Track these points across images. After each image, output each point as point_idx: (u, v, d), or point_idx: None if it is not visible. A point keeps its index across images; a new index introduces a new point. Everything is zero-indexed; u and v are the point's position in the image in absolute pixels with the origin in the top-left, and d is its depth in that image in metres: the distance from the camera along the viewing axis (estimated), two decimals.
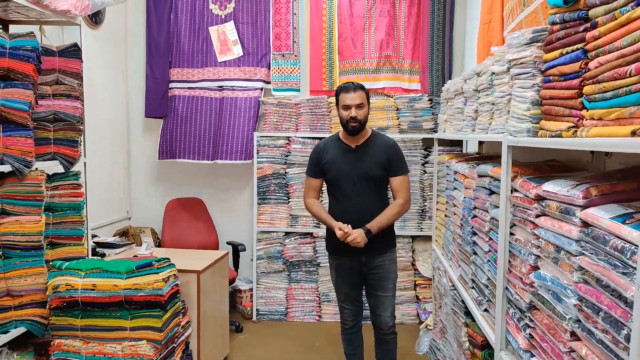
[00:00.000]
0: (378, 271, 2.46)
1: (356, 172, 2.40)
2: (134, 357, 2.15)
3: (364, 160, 2.42)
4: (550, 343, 1.22)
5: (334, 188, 2.47)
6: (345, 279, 2.51)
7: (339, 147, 2.47)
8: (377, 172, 2.41)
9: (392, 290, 2.52)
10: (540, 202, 1.30)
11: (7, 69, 2.06)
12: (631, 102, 0.91)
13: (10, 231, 2.08)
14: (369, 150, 2.44)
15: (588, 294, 1.03)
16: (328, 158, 2.46)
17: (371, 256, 2.43)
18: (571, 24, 1.19)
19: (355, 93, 2.37)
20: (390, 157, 2.43)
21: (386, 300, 2.49)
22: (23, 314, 2.16)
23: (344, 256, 2.46)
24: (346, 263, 2.47)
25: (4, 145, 2.06)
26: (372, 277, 2.47)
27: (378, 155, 2.42)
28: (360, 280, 2.52)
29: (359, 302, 2.59)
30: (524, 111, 1.44)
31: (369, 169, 2.41)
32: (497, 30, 2.42)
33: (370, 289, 2.51)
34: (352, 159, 2.42)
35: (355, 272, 2.48)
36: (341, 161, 2.43)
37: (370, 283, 2.50)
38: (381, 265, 2.46)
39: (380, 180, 2.44)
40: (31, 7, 2.20)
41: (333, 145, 2.49)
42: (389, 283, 2.49)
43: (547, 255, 1.26)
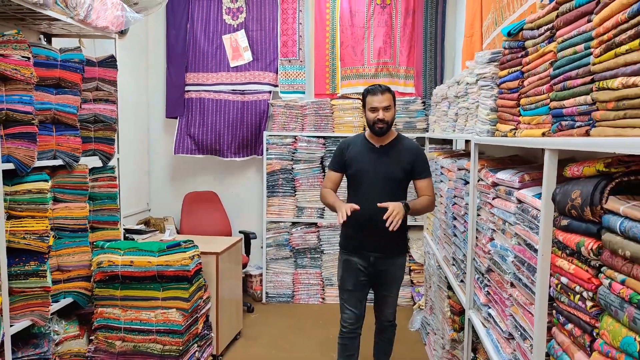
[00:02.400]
0: (387, 276, 2.48)
1: (378, 170, 2.41)
2: (166, 322, 2.53)
3: (388, 160, 2.44)
4: (499, 294, 1.59)
5: (354, 183, 2.49)
6: (351, 276, 2.47)
7: (364, 145, 2.48)
8: (398, 173, 2.42)
9: (396, 292, 2.58)
10: (495, 188, 1.67)
11: (58, 78, 2.43)
12: (543, 112, 1.28)
13: (61, 215, 2.46)
14: (394, 152, 2.45)
15: (519, 252, 1.39)
16: (352, 154, 2.48)
17: (381, 258, 2.43)
18: (514, 50, 1.55)
19: (383, 95, 2.38)
20: (416, 161, 2.44)
21: (389, 300, 2.57)
22: (71, 287, 2.54)
23: (353, 253, 2.47)
24: (355, 259, 2.46)
25: (57, 143, 2.44)
26: (380, 280, 2.50)
27: (402, 157, 2.44)
28: (367, 280, 2.49)
29: (361, 304, 2.51)
30: (485, 116, 1.81)
31: (391, 170, 2.42)
32: (477, 43, 2.78)
33: (378, 289, 2.56)
34: (375, 158, 2.44)
35: (363, 270, 2.45)
36: (365, 158, 2.45)
37: (379, 283, 2.52)
38: (390, 269, 2.48)
39: (399, 182, 2.44)
40: (76, 24, 2.57)
41: (358, 142, 2.51)
42: (394, 286, 2.54)
43: (499, 228, 1.62)
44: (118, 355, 2.53)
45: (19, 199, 2.15)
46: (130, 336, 2.53)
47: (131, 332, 2.53)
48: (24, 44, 2.15)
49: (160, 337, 2.52)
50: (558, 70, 1.18)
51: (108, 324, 2.56)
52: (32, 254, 2.19)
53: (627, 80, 0.85)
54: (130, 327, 2.53)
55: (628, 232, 0.82)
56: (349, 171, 2.51)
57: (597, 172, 0.97)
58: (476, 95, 2.00)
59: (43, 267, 2.21)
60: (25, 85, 2.14)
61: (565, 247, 1.07)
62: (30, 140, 2.17)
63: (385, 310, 2.59)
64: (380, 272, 2.46)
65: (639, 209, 0.82)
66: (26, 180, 2.19)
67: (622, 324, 0.84)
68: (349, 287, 2.49)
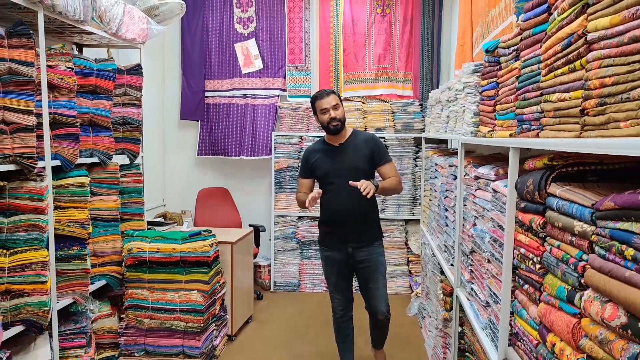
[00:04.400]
0: (366, 265, 2.60)
1: (342, 166, 2.55)
2: (188, 302, 2.83)
3: (349, 155, 2.58)
4: (479, 270, 1.89)
5: (324, 184, 2.61)
6: (334, 269, 2.64)
7: (325, 148, 2.64)
8: (362, 164, 2.56)
9: (382, 281, 2.63)
10: (477, 181, 1.96)
11: (94, 85, 2.73)
12: (511, 117, 1.57)
13: (96, 207, 2.76)
14: (353, 146, 2.60)
15: (493, 233, 1.69)
16: (315, 158, 2.63)
17: (358, 247, 2.57)
18: (492, 64, 1.85)
19: (329, 97, 2.55)
20: (373, 148, 2.58)
21: (378, 292, 2.61)
22: (104, 270, 2.85)
23: (332, 248, 2.62)
24: (335, 254, 2.61)
25: (94, 143, 2.75)
26: (362, 270, 2.61)
27: (361, 149, 2.58)
28: (349, 271, 2.66)
29: (347, 292, 2.70)
30: (470, 119, 2.10)
31: (354, 162, 2.56)
32: (468, 52, 3.07)
33: (362, 282, 2.65)
34: (337, 156, 2.59)
35: (343, 263, 2.61)
36: (328, 159, 2.59)
37: (360, 276, 2.64)
38: (369, 259, 2.59)
39: (365, 172, 2.55)
40: (108, 37, 2.87)
41: (319, 147, 2.68)
42: (378, 275, 2.61)
43: (479, 215, 1.92)
44: (146, 331, 2.83)
45: (63, 191, 2.46)
46: (157, 314, 2.83)
47: (158, 311, 2.83)
48: (68, 56, 2.46)
49: (184, 316, 2.82)
50: (521, 83, 1.47)
51: (137, 303, 2.86)
52: (75, 240, 2.49)
53: (561, 95, 1.14)
54: (156, 307, 2.84)
55: (561, 208, 1.12)
56: (316, 174, 2.64)
57: (544, 165, 1.26)
58: (463, 100, 2.29)
59: (84, 251, 2.52)
60: (69, 92, 2.45)
61: (523, 225, 1.37)
62: (74, 141, 2.47)
63: (377, 305, 2.61)
64: (360, 261, 2.59)
65: (568, 191, 1.11)
66: (69, 175, 2.49)
67: (557, 278, 1.14)
68: (333, 280, 2.68)
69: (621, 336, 0.84)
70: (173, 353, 2.81)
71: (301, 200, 2.58)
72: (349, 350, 2.80)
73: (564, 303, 1.07)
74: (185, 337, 2.81)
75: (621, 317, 0.84)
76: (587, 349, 0.95)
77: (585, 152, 0.95)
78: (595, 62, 0.96)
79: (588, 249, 0.99)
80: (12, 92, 2.07)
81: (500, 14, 2.29)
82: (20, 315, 2.16)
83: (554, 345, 1.10)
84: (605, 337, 0.89)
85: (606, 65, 0.91)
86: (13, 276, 2.14)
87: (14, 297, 2.16)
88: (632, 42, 0.83)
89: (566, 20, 1.09)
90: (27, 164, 2.13)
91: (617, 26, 0.87)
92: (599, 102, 0.94)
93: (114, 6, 2.77)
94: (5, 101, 2.05)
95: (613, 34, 0.89)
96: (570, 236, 1.07)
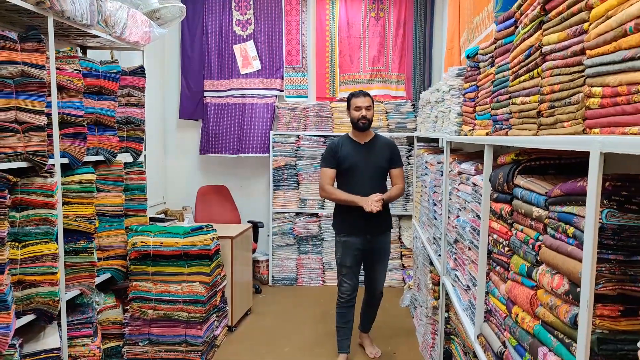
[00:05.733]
0: (380, 251, 2.99)
1: (367, 162, 2.92)
2: (190, 294, 2.97)
3: (373, 153, 2.95)
4: (461, 258, 2.04)
5: (347, 175, 2.93)
6: (349, 254, 2.92)
7: (351, 143, 2.97)
8: (383, 163, 2.96)
9: (387, 263, 3.12)
10: (459, 175, 2.11)
11: (100, 86, 2.86)
12: (487, 118, 1.73)
13: (102, 203, 2.89)
14: (376, 147, 2.98)
15: (473, 222, 1.84)
16: (343, 152, 2.93)
17: (376, 235, 2.93)
18: (473, 69, 2.00)
19: (365, 98, 2.91)
20: (393, 152, 3.00)
21: (381, 275, 3.06)
22: (109, 264, 2.98)
23: (351, 234, 2.92)
24: (353, 240, 2.91)
25: (99, 142, 2.88)
26: (374, 255, 2.98)
27: (383, 150, 2.97)
28: (362, 256, 2.96)
29: (356, 278, 2.99)
30: (454, 119, 2.26)
31: (378, 161, 2.94)
32: (456, 55, 3.22)
33: (373, 264, 3.00)
34: (363, 152, 2.94)
35: (359, 249, 2.92)
36: (354, 154, 2.92)
37: (370, 259, 2.99)
38: (382, 246, 3.00)
39: (383, 170, 2.98)
40: (112, 39, 3.01)
41: (346, 142, 2.99)
42: (386, 259, 3.08)
43: (462, 207, 2.07)
44: (150, 321, 2.97)
45: (71, 188, 2.59)
46: (160, 305, 2.97)
47: (161, 302, 2.97)
48: (76, 59, 2.60)
49: (186, 306, 2.96)
50: (495, 87, 1.62)
51: (141, 295, 2.99)
52: (82, 234, 2.62)
53: (523, 99, 1.29)
54: (160, 298, 2.97)
55: (524, 197, 1.27)
56: (342, 166, 2.94)
57: (512, 160, 1.42)
58: (449, 101, 2.45)
59: (90, 245, 2.65)
60: (77, 93, 2.59)
61: (495, 213, 1.52)
62: (81, 139, 2.61)
63: (378, 281, 3.05)
64: (375, 248, 2.95)
65: (530, 182, 1.27)
66: (77, 172, 2.62)
67: (520, 257, 1.29)
68: (348, 264, 2.94)
69: (565, 301, 1.00)
70: (176, 342, 2.95)
71: (340, 197, 2.89)
72: (348, 335, 3.05)
73: (525, 278, 1.23)
74: (187, 326, 2.95)
75: (565, 285, 0.99)
76: (541, 315, 1.10)
77: (542, 148, 1.10)
78: (548, 71, 1.11)
79: (543, 230, 1.14)
80: (24, 93, 2.20)
81: (484, 21, 2.45)
82: (31, 305, 2.30)
83: (517, 316, 1.25)
84: (554, 303, 1.04)
85: (555, 74, 1.07)
86: (25, 267, 2.27)
87: (25, 288, 2.29)
88: (573, 55, 0.98)
89: (527, 34, 1.24)
90: (39, 161, 2.27)
91: (563, 41, 1.03)
92: (550, 105, 1.09)
93: (118, 10, 2.90)
94: (19, 102, 2.18)
95: (560, 48, 1.04)
96: (530, 220, 1.22)
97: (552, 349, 1.07)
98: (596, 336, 0.92)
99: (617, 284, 0.92)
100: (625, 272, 0.92)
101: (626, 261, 0.91)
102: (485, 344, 1.58)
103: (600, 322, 0.92)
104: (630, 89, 0.79)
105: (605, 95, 0.86)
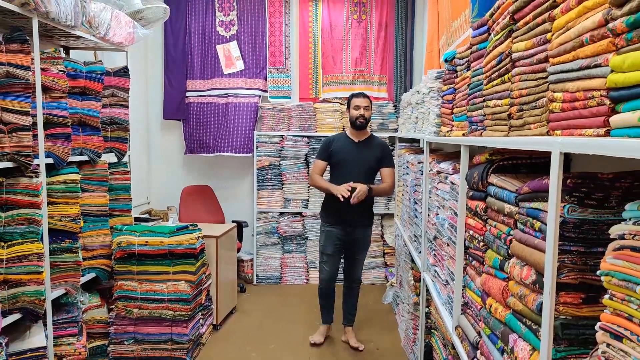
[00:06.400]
0: (358, 243, 3.23)
1: (357, 159, 3.14)
2: (176, 292, 3.00)
3: (364, 152, 3.17)
4: (440, 254, 2.12)
5: (338, 169, 3.18)
6: (331, 243, 3.20)
7: (346, 140, 3.22)
8: (372, 162, 3.17)
9: (364, 256, 3.36)
10: (438, 175, 2.20)
11: (84, 87, 2.87)
12: (464, 119, 1.81)
13: (86, 203, 2.90)
14: (369, 146, 3.20)
15: (451, 220, 1.93)
16: (335, 146, 3.19)
17: (356, 227, 3.17)
18: (450, 72, 2.09)
19: (364, 98, 3.17)
20: (383, 153, 3.21)
21: (359, 263, 3.34)
22: (94, 264, 2.99)
23: (334, 225, 3.18)
24: (335, 231, 3.18)
25: (83, 142, 2.89)
26: (353, 246, 3.23)
27: (375, 150, 3.18)
28: (342, 246, 3.22)
29: (336, 266, 3.25)
30: (433, 120, 2.34)
31: (367, 159, 3.16)
32: (435, 58, 3.32)
33: (352, 254, 3.27)
34: (355, 150, 3.17)
35: (340, 238, 3.18)
36: (346, 150, 3.17)
37: (352, 249, 3.24)
38: (362, 237, 3.23)
39: (372, 169, 3.19)
40: (95, 40, 3.01)
41: (341, 138, 3.25)
42: (365, 251, 3.32)
43: (441, 205, 2.15)
44: (136, 320, 2.99)
45: (56, 188, 2.60)
46: (145, 304, 2.99)
47: (146, 301, 2.99)
48: (60, 60, 2.61)
49: (172, 305, 2.99)
50: (471, 90, 1.71)
51: (126, 294, 3.01)
52: (67, 233, 2.64)
53: (496, 102, 1.38)
54: (145, 297, 2.99)
55: (497, 195, 1.35)
56: (333, 160, 3.20)
57: (486, 160, 1.50)
58: (428, 103, 2.53)
59: (75, 244, 2.67)
60: (61, 94, 2.60)
61: (471, 210, 1.61)
62: (66, 140, 2.62)
63: (355, 271, 3.32)
64: (355, 239, 3.20)
65: (502, 180, 1.35)
66: (61, 172, 2.63)
67: (493, 251, 1.37)
68: (329, 252, 3.22)
69: (533, 290, 1.08)
70: (162, 340, 2.97)
71: (321, 184, 3.18)
72: (330, 311, 3.39)
73: (498, 271, 1.31)
74: (173, 325, 2.98)
75: (532, 276, 1.08)
76: (512, 304, 1.18)
77: (512, 148, 1.18)
78: (517, 77, 1.19)
79: (514, 225, 1.22)
80: (9, 94, 2.20)
81: (462, 26, 2.54)
82: (17, 304, 2.30)
83: (490, 306, 1.34)
84: (523, 293, 1.12)
85: (523, 79, 1.15)
86: (11, 267, 2.28)
87: (11, 287, 2.30)
88: (538, 63, 1.06)
89: (499, 41, 1.33)
90: (24, 161, 2.27)
91: (530, 49, 1.11)
92: (519, 108, 1.17)
93: (102, 11, 2.91)
94: (4, 102, 2.19)
95: (527, 55, 1.12)
96: (502, 216, 1.30)
97: (521, 335, 1.15)
98: (560, 322, 1.00)
99: (579, 273, 1.00)
100: (586, 263, 1.00)
101: (587, 252, 1.00)
102: (462, 334, 1.67)
103: (564, 309, 1.00)
104: (587, 94, 0.87)
105: (566, 100, 0.95)
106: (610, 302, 0.84)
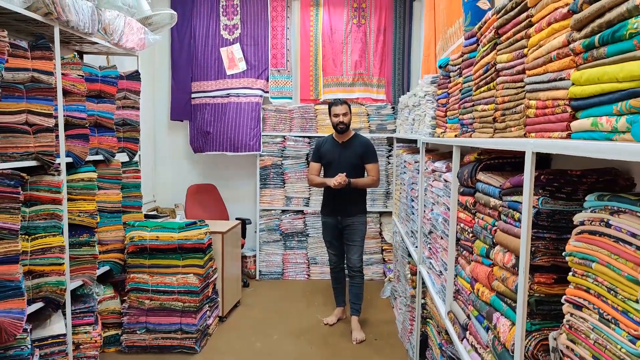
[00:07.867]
0: (350, 229, 3.55)
1: (342, 158, 3.51)
2: (185, 285, 3.16)
3: (348, 151, 3.52)
4: (435, 247, 2.29)
5: (327, 169, 3.59)
6: (328, 231, 3.64)
7: (332, 142, 3.60)
8: (355, 160, 3.51)
9: (359, 242, 3.57)
10: (433, 173, 2.36)
11: (99, 90, 3.03)
12: (456, 122, 1.98)
13: (101, 200, 3.06)
14: (352, 146, 3.54)
15: (444, 214, 2.09)
16: (324, 149, 3.60)
17: (345, 216, 3.54)
18: (444, 77, 2.25)
19: (342, 106, 3.49)
20: (365, 150, 3.52)
21: (354, 248, 3.56)
22: (108, 257, 3.15)
23: (328, 216, 3.61)
24: (330, 220, 3.60)
25: (99, 142, 3.05)
26: (346, 232, 3.57)
27: (358, 149, 3.52)
28: (338, 232, 3.60)
29: (339, 249, 3.66)
30: (428, 122, 2.51)
31: (350, 157, 3.50)
32: (432, 62, 3.48)
33: (345, 240, 3.61)
34: (340, 150, 3.54)
35: (335, 226, 3.59)
36: (333, 150, 3.56)
37: (344, 235, 3.59)
38: (352, 224, 3.54)
39: (356, 165, 3.51)
40: (109, 46, 3.17)
41: (329, 140, 3.63)
42: (356, 236, 3.56)
43: (435, 201, 2.32)
44: (147, 311, 3.15)
45: (75, 185, 2.76)
46: (156, 296, 3.15)
47: (157, 293, 3.15)
48: (79, 65, 2.77)
49: (181, 297, 3.15)
50: (462, 95, 1.87)
51: (138, 286, 3.17)
52: (85, 228, 2.79)
53: (483, 107, 1.54)
54: (156, 289, 3.15)
55: (484, 190, 1.52)
56: (323, 161, 3.61)
57: (475, 159, 1.67)
58: (424, 106, 2.70)
59: (93, 238, 2.83)
60: (80, 97, 2.76)
61: (462, 205, 1.77)
62: (84, 140, 2.78)
63: (352, 257, 3.56)
64: (346, 226, 3.55)
65: (489, 177, 1.51)
66: (80, 171, 2.79)
67: (481, 241, 1.54)
68: (328, 239, 3.68)
69: (512, 273, 1.24)
70: (172, 330, 3.13)
71: (317, 182, 3.61)
72: (342, 292, 3.78)
73: (484, 258, 1.48)
74: (182, 315, 3.14)
75: (512, 260, 1.24)
76: (496, 287, 1.35)
77: (495, 149, 1.34)
78: (500, 85, 1.36)
79: (498, 217, 1.39)
80: (34, 97, 2.36)
81: (456, 33, 2.71)
82: (40, 293, 2.46)
83: (478, 291, 1.50)
84: (505, 276, 1.29)
85: (505, 87, 1.31)
86: (35, 259, 2.44)
87: (35, 277, 2.46)
88: (517, 74, 1.23)
89: (485, 52, 1.49)
90: (47, 160, 2.43)
91: (510, 62, 1.28)
92: (502, 113, 1.34)
93: (116, 19, 3.07)
94: (29, 105, 2.34)
95: (508, 67, 1.29)
96: (488, 209, 1.47)
97: (502, 313, 1.31)
98: (534, 299, 1.17)
99: (551, 257, 1.17)
100: (557, 248, 1.16)
101: (558, 239, 1.16)
102: (454, 318, 1.83)
103: (538, 288, 1.17)
104: (554, 103, 1.04)
105: (538, 107, 1.11)
106: (573, 278, 1.01)
